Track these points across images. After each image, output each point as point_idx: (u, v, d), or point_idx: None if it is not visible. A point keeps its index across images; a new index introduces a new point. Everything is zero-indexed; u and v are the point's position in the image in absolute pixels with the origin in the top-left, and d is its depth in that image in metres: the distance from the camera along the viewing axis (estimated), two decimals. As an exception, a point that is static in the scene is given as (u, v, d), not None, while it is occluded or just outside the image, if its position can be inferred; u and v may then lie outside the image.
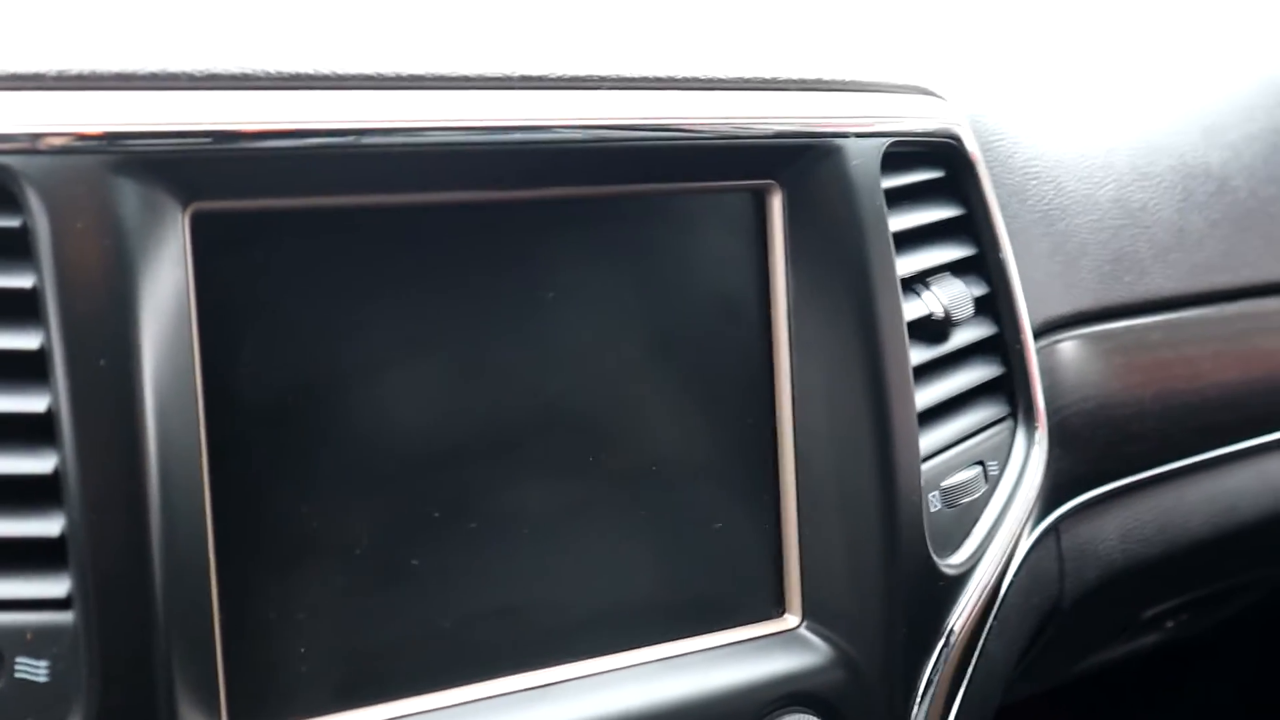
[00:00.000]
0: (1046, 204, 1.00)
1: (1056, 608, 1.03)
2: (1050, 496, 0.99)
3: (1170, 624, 1.28)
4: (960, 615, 0.85)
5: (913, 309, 0.84)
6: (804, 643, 0.81)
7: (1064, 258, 1.00)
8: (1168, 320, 1.07)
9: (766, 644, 0.81)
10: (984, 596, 0.88)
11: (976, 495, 0.88)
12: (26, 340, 0.61)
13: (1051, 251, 0.99)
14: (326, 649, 0.70)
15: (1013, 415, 0.94)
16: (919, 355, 0.83)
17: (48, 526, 0.62)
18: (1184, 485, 1.12)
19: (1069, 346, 1.00)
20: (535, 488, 0.75)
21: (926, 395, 0.84)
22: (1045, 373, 0.95)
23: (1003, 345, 0.92)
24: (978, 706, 0.92)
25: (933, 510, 0.85)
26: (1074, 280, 1.00)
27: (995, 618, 0.93)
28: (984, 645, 0.92)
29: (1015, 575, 0.96)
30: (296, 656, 0.69)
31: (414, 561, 0.72)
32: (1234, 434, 1.12)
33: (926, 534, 0.83)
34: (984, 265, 0.90)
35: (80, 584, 0.61)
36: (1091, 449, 1.02)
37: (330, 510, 0.69)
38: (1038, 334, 0.95)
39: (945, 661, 0.85)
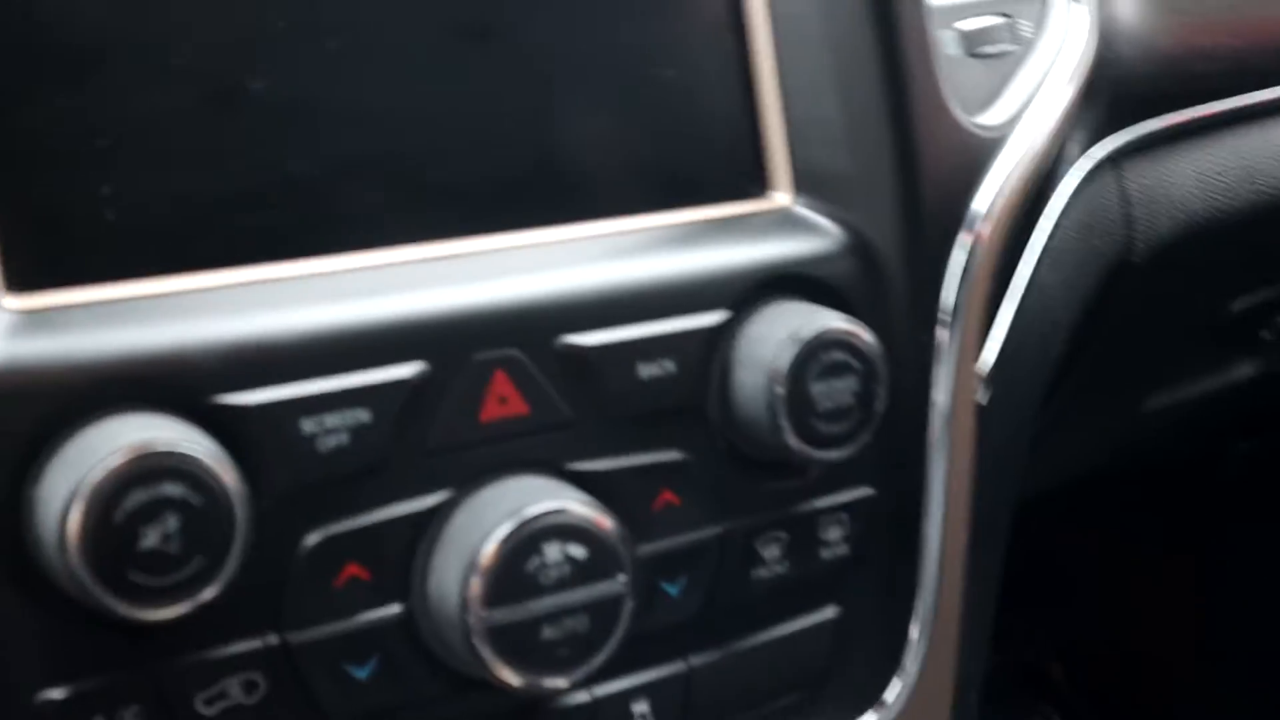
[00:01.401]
0: None
1: (1126, 262, 0.83)
2: (1106, 111, 0.80)
3: (1267, 334, 1.08)
4: (993, 193, 0.66)
5: None
6: (799, 221, 0.63)
7: None
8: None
9: (751, 224, 0.62)
10: (1026, 181, 0.68)
11: (1006, 49, 0.69)
12: None
13: None
14: (137, 200, 0.52)
15: None
16: None
17: None
18: (1271, 126, 0.92)
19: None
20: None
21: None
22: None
23: None
24: (1032, 346, 0.73)
25: (949, 52, 0.66)
26: None
27: (1049, 238, 0.74)
28: (1036, 269, 0.73)
29: (1068, 205, 0.77)
30: (97, 214, 0.51)
31: (254, 84, 0.54)
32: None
33: (939, 78, 0.64)
34: None
35: None
36: (1151, 60, 0.83)
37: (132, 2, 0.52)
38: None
39: (976, 255, 0.66)
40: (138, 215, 0.52)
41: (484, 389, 0.55)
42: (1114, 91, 0.80)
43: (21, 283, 0.50)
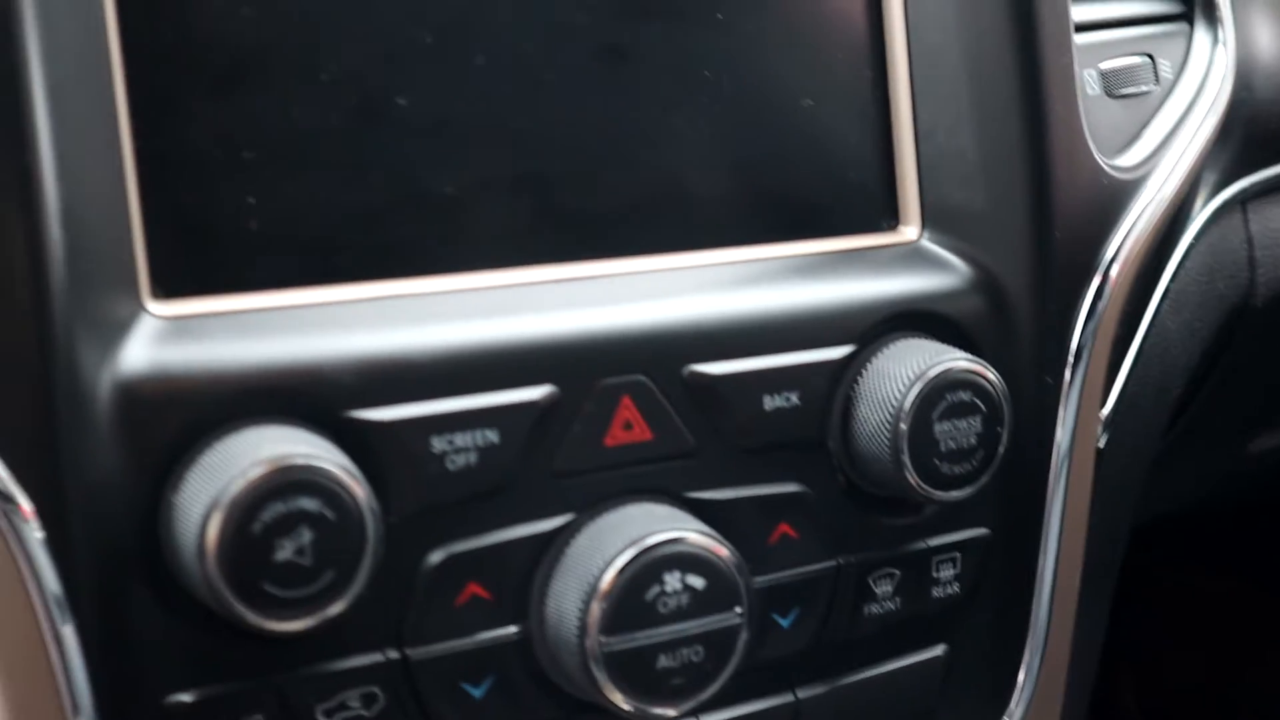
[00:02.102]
0: None
1: (1247, 304, 0.82)
2: (1237, 152, 0.78)
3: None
4: (1130, 232, 0.65)
5: None
6: (927, 257, 0.62)
7: None
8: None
9: (878, 258, 0.62)
10: (1157, 225, 0.67)
11: (1146, 89, 0.68)
12: None
13: None
14: (281, 212, 0.52)
15: (1188, 15, 0.73)
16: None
17: None
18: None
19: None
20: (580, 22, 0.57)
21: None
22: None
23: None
24: (1150, 389, 0.72)
25: (1090, 93, 0.65)
26: None
27: (1170, 280, 0.73)
28: (1158, 312, 0.72)
29: (1192, 247, 0.76)
30: (241, 224, 0.52)
31: (400, 100, 0.54)
32: None
33: (1083, 117, 0.63)
34: None
35: None
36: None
37: (283, 16, 0.52)
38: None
39: (1108, 299, 0.65)
40: (281, 226, 0.52)
41: (610, 414, 0.55)
42: (1247, 131, 0.78)
43: (167, 290, 0.50)
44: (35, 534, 0.47)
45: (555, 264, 0.56)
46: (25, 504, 0.47)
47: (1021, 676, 0.66)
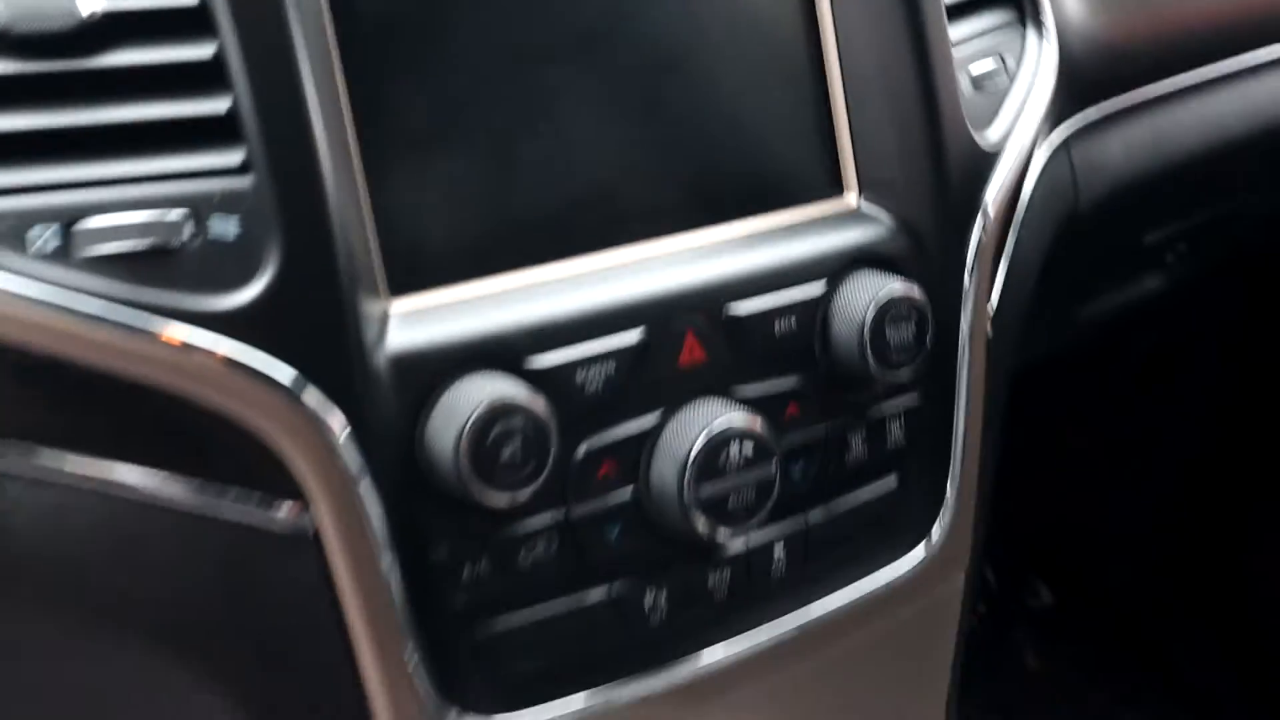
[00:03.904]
0: None
1: (1073, 214, 1.13)
2: (1060, 107, 1.08)
3: (1170, 258, 1.39)
4: (996, 188, 0.95)
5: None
6: (866, 217, 0.91)
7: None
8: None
9: (833, 220, 0.90)
10: (1014, 175, 0.97)
11: (999, 81, 0.97)
12: None
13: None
14: (463, 223, 0.79)
15: (1020, 20, 1.03)
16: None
17: (216, 105, 0.70)
18: (1176, 107, 1.21)
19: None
20: (611, 83, 0.83)
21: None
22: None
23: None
24: (1016, 288, 1.02)
25: (964, 89, 0.94)
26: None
27: (1024, 210, 1.03)
28: (1018, 232, 1.02)
29: (1037, 183, 1.06)
30: (440, 231, 0.78)
31: (521, 145, 0.80)
32: (1217, 53, 1.21)
33: (962, 110, 0.92)
34: None
35: (253, 150, 0.70)
36: (1089, 65, 1.11)
37: (454, 99, 0.78)
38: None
39: (987, 231, 0.95)
40: (477, 224, 0.79)
41: (680, 345, 0.83)
42: (1069, 91, 1.08)
43: (397, 288, 0.76)
44: (345, 441, 0.73)
45: (628, 245, 0.84)
46: (336, 424, 0.73)
47: (949, 492, 0.97)
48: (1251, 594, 2.08)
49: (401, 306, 0.76)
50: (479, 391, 0.74)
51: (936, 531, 0.96)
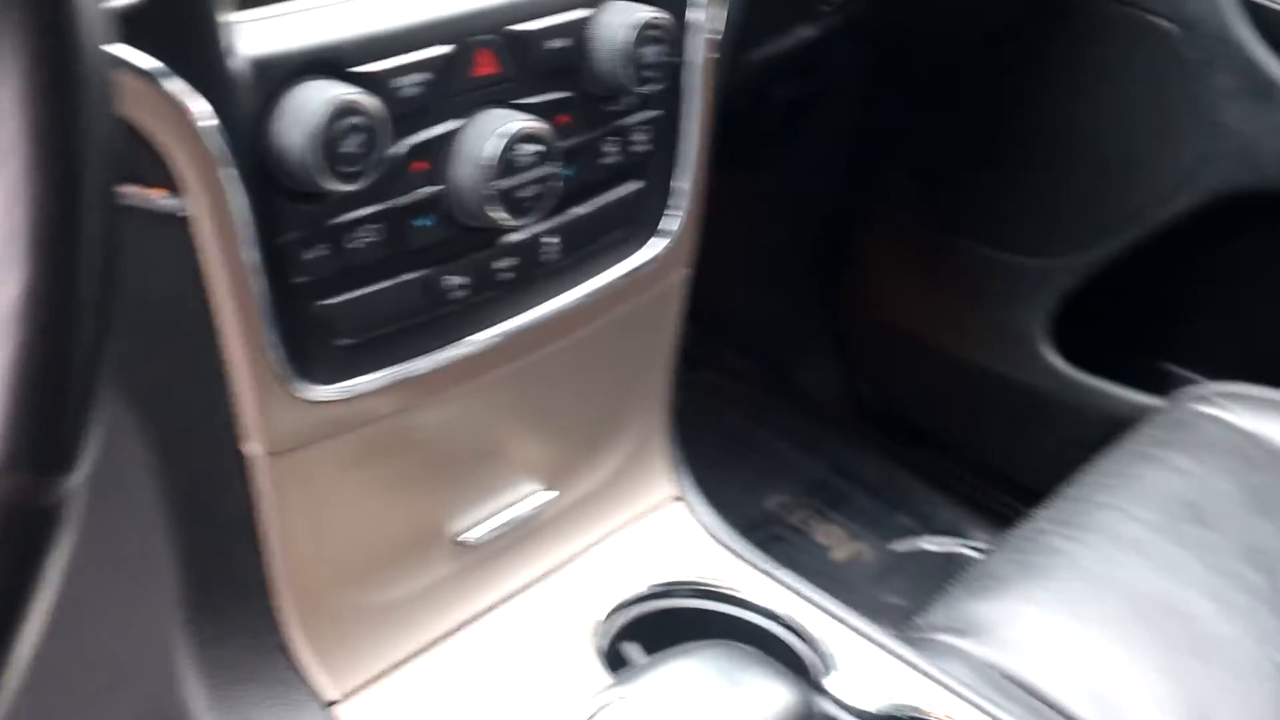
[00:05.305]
0: None
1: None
2: None
3: (826, 7, 1.61)
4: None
5: None
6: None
7: None
8: None
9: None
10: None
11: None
12: None
13: None
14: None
15: None
16: None
17: None
18: None
19: None
20: None
21: None
22: None
23: None
24: (732, 21, 1.20)
25: None
26: None
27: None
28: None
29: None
30: None
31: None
32: None
33: None
34: None
35: None
36: None
37: None
38: None
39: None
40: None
41: (472, 57, 0.96)
42: None
43: (244, 2, 0.86)
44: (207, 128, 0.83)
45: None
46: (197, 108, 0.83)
47: (680, 194, 1.16)
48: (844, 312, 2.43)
49: (250, 16, 0.86)
50: (326, 92, 0.86)
51: (671, 226, 1.15)
